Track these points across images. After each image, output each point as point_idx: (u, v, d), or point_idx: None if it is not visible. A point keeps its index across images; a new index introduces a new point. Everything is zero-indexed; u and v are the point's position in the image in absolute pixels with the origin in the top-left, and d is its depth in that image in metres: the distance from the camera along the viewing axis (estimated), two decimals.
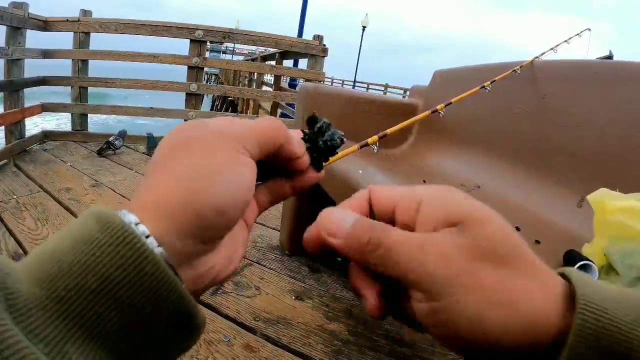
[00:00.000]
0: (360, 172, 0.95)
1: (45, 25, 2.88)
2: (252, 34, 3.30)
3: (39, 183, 2.04)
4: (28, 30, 2.70)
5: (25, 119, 2.75)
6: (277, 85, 4.50)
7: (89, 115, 3.31)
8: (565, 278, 0.20)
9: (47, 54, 2.90)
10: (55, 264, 0.17)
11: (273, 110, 4.57)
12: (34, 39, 2.86)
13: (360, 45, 24.70)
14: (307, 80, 3.37)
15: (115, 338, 0.18)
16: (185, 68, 3.21)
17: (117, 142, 2.72)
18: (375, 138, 0.61)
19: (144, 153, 2.61)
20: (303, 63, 3.96)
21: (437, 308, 0.19)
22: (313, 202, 1.27)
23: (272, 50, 4.82)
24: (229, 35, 3.22)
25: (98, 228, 0.18)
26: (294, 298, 1.26)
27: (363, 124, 1.47)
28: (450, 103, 0.94)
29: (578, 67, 1.08)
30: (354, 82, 23.18)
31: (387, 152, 1.11)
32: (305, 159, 0.27)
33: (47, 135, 2.95)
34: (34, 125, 3.54)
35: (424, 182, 0.97)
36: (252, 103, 6.78)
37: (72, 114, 3.20)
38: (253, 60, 7.76)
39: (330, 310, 1.22)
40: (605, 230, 0.65)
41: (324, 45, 3.38)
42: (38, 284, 0.17)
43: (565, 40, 1.45)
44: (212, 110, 8.63)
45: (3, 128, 2.59)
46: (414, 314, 0.21)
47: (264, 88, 6.24)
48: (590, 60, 1.14)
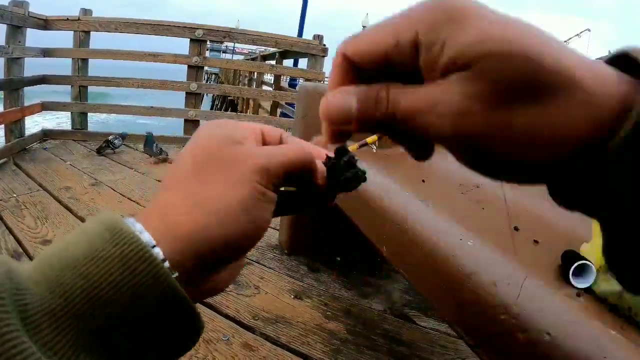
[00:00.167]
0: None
1: (46, 24, 2.88)
2: (252, 34, 3.30)
3: (39, 182, 2.04)
4: (28, 29, 2.70)
5: (25, 118, 2.75)
6: (277, 85, 4.50)
7: (89, 115, 3.31)
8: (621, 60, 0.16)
9: (47, 53, 2.90)
10: (69, 276, 0.17)
11: (273, 110, 4.57)
12: (34, 38, 2.86)
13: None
14: (307, 80, 3.37)
15: (126, 348, 0.18)
16: (186, 67, 3.21)
17: (116, 141, 2.71)
18: (375, 137, 0.62)
19: (145, 152, 2.60)
20: (303, 63, 3.96)
21: (468, 154, 0.18)
22: None
23: (272, 50, 4.82)
24: (229, 35, 3.22)
25: (112, 241, 0.18)
26: (293, 297, 1.26)
27: None
28: None
29: None
30: None
31: (385, 151, 1.11)
32: (323, 189, 0.27)
33: (46, 134, 2.95)
34: (34, 124, 3.53)
35: (423, 181, 0.97)
36: (252, 102, 6.78)
37: (71, 113, 3.20)
38: (253, 60, 7.76)
39: (329, 310, 1.22)
40: None
41: (324, 45, 3.38)
42: (52, 296, 0.17)
43: (565, 41, 1.46)
44: (212, 110, 8.62)
45: (3, 127, 2.59)
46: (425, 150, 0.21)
47: (264, 87, 6.24)
48: None
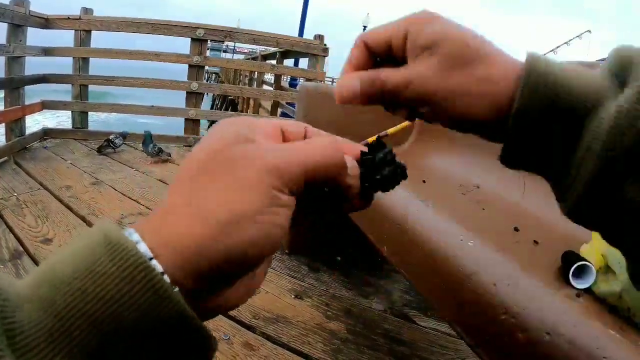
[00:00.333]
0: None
1: (47, 23, 2.88)
2: (253, 33, 3.30)
3: (39, 180, 2.04)
4: (29, 28, 2.70)
5: (26, 117, 2.75)
6: (277, 85, 4.50)
7: (89, 114, 3.31)
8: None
9: (48, 52, 2.90)
10: (61, 293, 0.16)
11: (273, 110, 4.57)
12: (35, 37, 2.86)
13: None
14: (307, 80, 3.37)
15: None
16: (186, 67, 3.21)
17: (117, 140, 2.71)
18: (374, 138, 0.62)
19: (143, 151, 2.60)
20: (304, 63, 3.96)
21: (432, 110, 0.26)
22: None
23: (272, 50, 4.82)
24: (230, 34, 3.22)
25: (107, 256, 0.17)
26: (294, 297, 1.26)
27: (363, 124, 1.47)
28: None
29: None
30: None
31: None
32: (355, 190, 0.24)
33: (47, 133, 2.95)
34: (35, 123, 3.53)
35: (424, 182, 0.97)
36: (252, 102, 6.77)
37: (72, 112, 3.20)
38: (254, 60, 7.76)
39: (330, 309, 1.22)
40: None
41: (325, 45, 3.38)
42: (42, 314, 0.16)
43: (566, 42, 1.47)
44: (212, 109, 8.61)
45: (3, 125, 2.59)
46: (409, 114, 0.30)
47: (265, 87, 6.23)
48: (590, 62, 1.14)
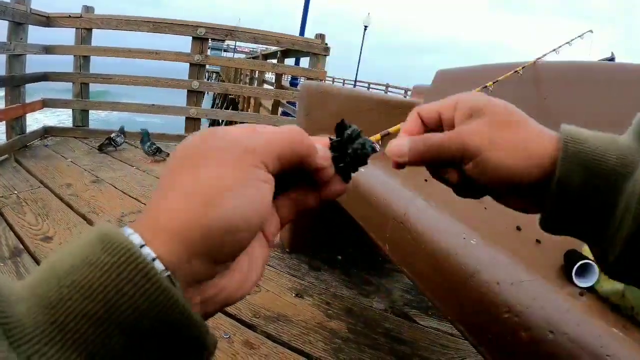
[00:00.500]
0: (362, 170, 0.95)
1: (48, 21, 2.88)
2: (254, 32, 3.30)
3: (40, 178, 2.04)
4: (30, 26, 2.70)
5: (27, 115, 2.75)
6: (278, 84, 4.50)
7: (90, 113, 3.31)
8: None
9: (48, 50, 2.90)
10: (56, 287, 0.17)
11: (274, 109, 4.57)
12: (36, 35, 2.86)
13: (362, 45, 24.66)
14: (308, 79, 3.37)
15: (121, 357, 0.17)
16: (187, 66, 3.21)
17: (118, 138, 2.71)
18: (378, 137, 0.61)
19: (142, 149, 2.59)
20: (304, 62, 3.96)
21: (477, 162, 0.29)
22: None
23: (273, 49, 4.81)
24: (231, 33, 3.22)
25: (100, 248, 0.17)
26: (294, 295, 1.26)
27: (365, 123, 1.47)
28: None
29: (579, 68, 1.08)
30: (355, 81, 23.16)
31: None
32: (330, 170, 0.26)
33: (48, 131, 2.95)
34: (35, 121, 3.52)
35: (425, 181, 0.97)
36: (252, 101, 6.77)
37: (73, 110, 3.20)
38: (254, 59, 7.75)
39: (331, 308, 1.22)
40: None
41: (326, 44, 3.37)
42: (38, 307, 0.16)
43: (568, 42, 1.46)
44: (212, 108, 8.60)
45: (4, 123, 2.59)
46: (458, 176, 0.31)
47: (265, 86, 6.23)
48: (592, 62, 1.14)
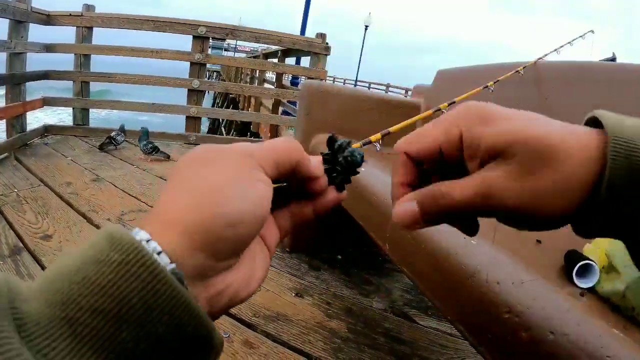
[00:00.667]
0: (363, 169, 0.95)
1: (48, 19, 2.88)
2: (255, 31, 3.29)
3: (40, 177, 2.04)
4: (31, 24, 2.70)
5: (27, 113, 2.75)
6: (279, 83, 4.49)
7: (91, 111, 3.30)
8: (597, 123, 0.24)
9: (49, 48, 2.90)
10: (66, 284, 0.17)
11: (275, 108, 4.56)
12: (37, 33, 2.85)
13: (363, 44, 24.66)
14: (309, 78, 3.37)
15: (129, 356, 0.17)
16: (187, 65, 3.20)
17: (119, 137, 2.70)
18: (379, 136, 0.61)
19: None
20: (305, 62, 3.95)
21: (511, 216, 0.24)
22: None
23: (274, 48, 4.81)
24: (232, 32, 3.21)
25: (108, 246, 0.18)
26: (294, 295, 1.26)
27: (365, 122, 1.47)
28: (454, 102, 0.94)
29: (580, 68, 1.08)
30: (356, 80, 23.16)
31: (389, 150, 1.11)
32: (324, 180, 0.28)
33: (48, 130, 2.94)
34: (35, 119, 3.52)
35: None
36: (253, 101, 6.77)
37: (73, 109, 3.19)
38: (255, 58, 7.75)
39: (330, 308, 1.22)
40: None
41: (327, 44, 3.37)
42: (49, 304, 0.17)
43: (569, 42, 1.46)
44: (213, 107, 8.61)
45: (4, 122, 2.59)
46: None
47: (266, 86, 6.23)
48: (592, 62, 1.14)
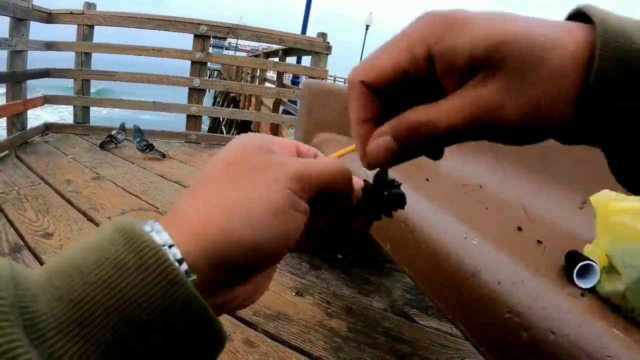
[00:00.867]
0: (364, 169, 0.95)
1: (49, 18, 2.88)
2: (256, 30, 3.29)
3: (41, 175, 2.04)
4: (32, 22, 2.70)
5: (28, 111, 2.75)
6: (280, 82, 4.49)
7: (92, 110, 3.30)
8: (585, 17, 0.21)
9: (50, 46, 2.90)
10: (78, 282, 0.17)
11: (275, 107, 4.56)
12: (38, 31, 2.85)
13: (364, 44, 24.67)
14: (310, 77, 3.37)
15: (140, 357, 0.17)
16: (188, 64, 3.20)
17: (119, 135, 2.70)
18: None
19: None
20: (306, 61, 3.95)
21: (501, 136, 0.23)
22: None
23: (275, 47, 4.80)
24: (233, 31, 3.21)
25: (126, 248, 0.17)
26: (295, 294, 1.26)
27: None
28: None
29: None
30: None
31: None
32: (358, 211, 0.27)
33: (48, 128, 2.94)
34: (36, 118, 3.52)
35: (427, 180, 0.97)
36: (254, 100, 6.76)
37: (74, 107, 3.20)
38: (256, 57, 7.74)
39: (331, 307, 1.22)
40: (608, 231, 0.65)
41: (328, 43, 3.37)
42: (60, 304, 0.16)
43: None
44: (213, 106, 8.61)
45: (5, 119, 2.59)
46: None
47: (267, 85, 6.22)
48: None
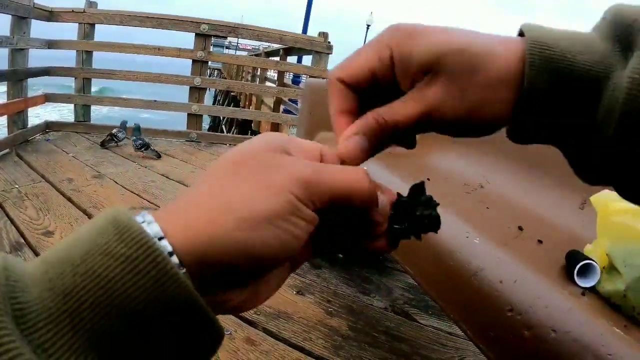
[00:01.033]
0: (365, 168, 0.95)
1: (51, 16, 2.87)
2: (257, 29, 3.29)
3: (41, 173, 2.04)
4: (33, 20, 2.70)
5: (28, 110, 2.75)
6: (280, 82, 4.49)
7: (92, 109, 3.31)
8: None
9: (51, 45, 2.90)
10: (69, 273, 0.16)
11: (276, 107, 4.56)
12: (39, 29, 2.85)
13: (364, 43, 24.72)
14: (311, 77, 3.37)
15: (129, 354, 0.17)
16: (188, 63, 3.20)
17: (120, 134, 2.70)
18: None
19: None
20: (306, 61, 3.96)
21: (451, 129, 0.24)
22: None
23: (275, 46, 4.80)
24: (235, 30, 3.21)
25: (116, 237, 0.17)
26: (295, 293, 1.27)
27: None
28: None
29: None
30: None
31: (390, 149, 1.11)
32: (381, 228, 0.24)
33: (49, 126, 2.94)
34: (37, 116, 3.52)
35: (428, 179, 0.97)
36: (254, 99, 6.76)
37: (75, 105, 3.20)
38: (257, 56, 7.74)
39: (331, 306, 1.22)
40: (608, 231, 0.65)
41: (329, 42, 3.36)
42: (51, 294, 0.16)
43: None
44: (214, 105, 8.62)
45: (6, 117, 2.59)
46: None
47: (267, 84, 6.22)
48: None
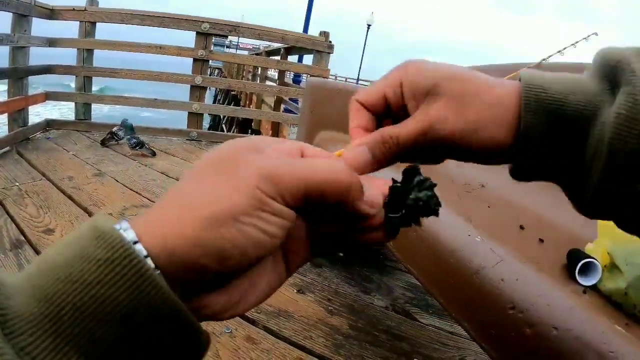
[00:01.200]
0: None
1: (52, 14, 2.87)
2: (258, 28, 3.28)
3: (42, 171, 2.04)
4: (34, 18, 2.69)
5: (29, 108, 2.75)
6: (281, 81, 4.49)
7: (93, 107, 3.30)
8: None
9: (52, 43, 2.90)
10: (51, 279, 0.17)
11: (276, 106, 4.56)
12: (40, 27, 2.85)
13: (365, 43, 24.67)
14: (312, 76, 3.37)
15: (115, 355, 0.17)
16: (189, 61, 3.20)
17: (120, 132, 2.70)
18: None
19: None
20: (307, 60, 3.95)
21: (450, 150, 0.27)
22: None
23: (276, 46, 4.80)
24: (236, 29, 3.21)
25: (95, 243, 0.18)
26: (296, 291, 1.27)
27: None
28: None
29: (582, 68, 1.08)
30: (357, 79, 23.14)
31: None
32: (377, 219, 0.24)
33: (50, 124, 2.94)
34: (37, 114, 3.52)
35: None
36: (254, 98, 6.76)
37: (75, 104, 3.20)
38: (257, 55, 7.74)
39: (332, 305, 1.23)
40: (609, 230, 0.66)
41: (330, 42, 3.36)
42: (34, 300, 0.17)
43: (573, 44, 1.45)
44: (214, 104, 8.62)
45: (6, 115, 2.59)
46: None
47: (268, 83, 6.23)
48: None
